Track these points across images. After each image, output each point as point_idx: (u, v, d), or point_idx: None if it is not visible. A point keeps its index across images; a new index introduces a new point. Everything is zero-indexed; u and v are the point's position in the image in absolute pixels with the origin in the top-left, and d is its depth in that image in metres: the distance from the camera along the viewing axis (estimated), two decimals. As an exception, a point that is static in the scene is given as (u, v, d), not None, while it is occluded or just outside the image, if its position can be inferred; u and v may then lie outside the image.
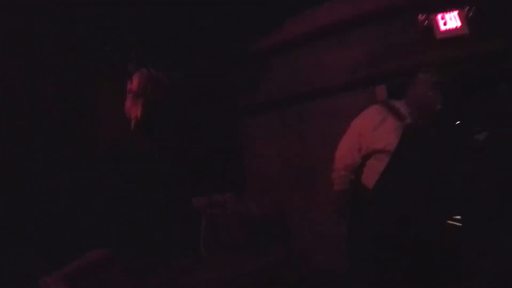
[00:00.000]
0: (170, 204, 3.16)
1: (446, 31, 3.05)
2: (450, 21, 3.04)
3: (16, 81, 2.73)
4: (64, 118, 2.91)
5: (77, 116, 2.98)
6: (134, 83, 3.02)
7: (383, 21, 3.30)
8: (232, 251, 2.51)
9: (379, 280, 2.17)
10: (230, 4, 3.33)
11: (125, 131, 3.06)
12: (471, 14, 2.97)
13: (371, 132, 2.43)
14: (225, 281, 2.14)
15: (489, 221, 2.43)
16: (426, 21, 3.10)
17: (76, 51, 3.02)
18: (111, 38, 3.08)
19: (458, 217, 2.73)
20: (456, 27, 3.02)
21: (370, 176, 2.43)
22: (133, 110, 3.04)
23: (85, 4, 2.96)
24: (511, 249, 2.32)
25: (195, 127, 3.62)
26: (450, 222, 2.55)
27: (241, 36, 3.69)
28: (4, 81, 2.68)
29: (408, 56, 3.16)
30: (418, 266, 2.10)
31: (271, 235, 2.72)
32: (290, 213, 3.70)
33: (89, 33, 3.08)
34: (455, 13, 3.03)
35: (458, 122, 3.81)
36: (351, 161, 2.52)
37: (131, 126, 3.03)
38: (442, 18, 3.06)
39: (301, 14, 3.61)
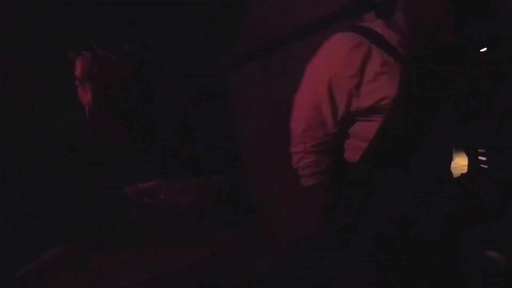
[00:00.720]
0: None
1: None
2: None
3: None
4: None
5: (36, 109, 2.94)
6: (77, 69, 2.82)
7: None
8: (169, 243, 2.27)
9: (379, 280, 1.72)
10: None
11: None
12: None
13: (351, 80, 1.47)
14: (148, 280, 1.94)
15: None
16: None
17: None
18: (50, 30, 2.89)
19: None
20: None
21: (357, 145, 1.55)
22: (84, 96, 2.85)
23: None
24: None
25: (170, 99, 3.31)
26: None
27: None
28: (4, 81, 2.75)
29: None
30: (418, 266, 1.63)
31: (214, 223, 2.41)
32: (267, 187, 3.27)
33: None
34: None
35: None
36: (322, 133, 1.55)
37: (85, 113, 2.86)
38: None
39: None
